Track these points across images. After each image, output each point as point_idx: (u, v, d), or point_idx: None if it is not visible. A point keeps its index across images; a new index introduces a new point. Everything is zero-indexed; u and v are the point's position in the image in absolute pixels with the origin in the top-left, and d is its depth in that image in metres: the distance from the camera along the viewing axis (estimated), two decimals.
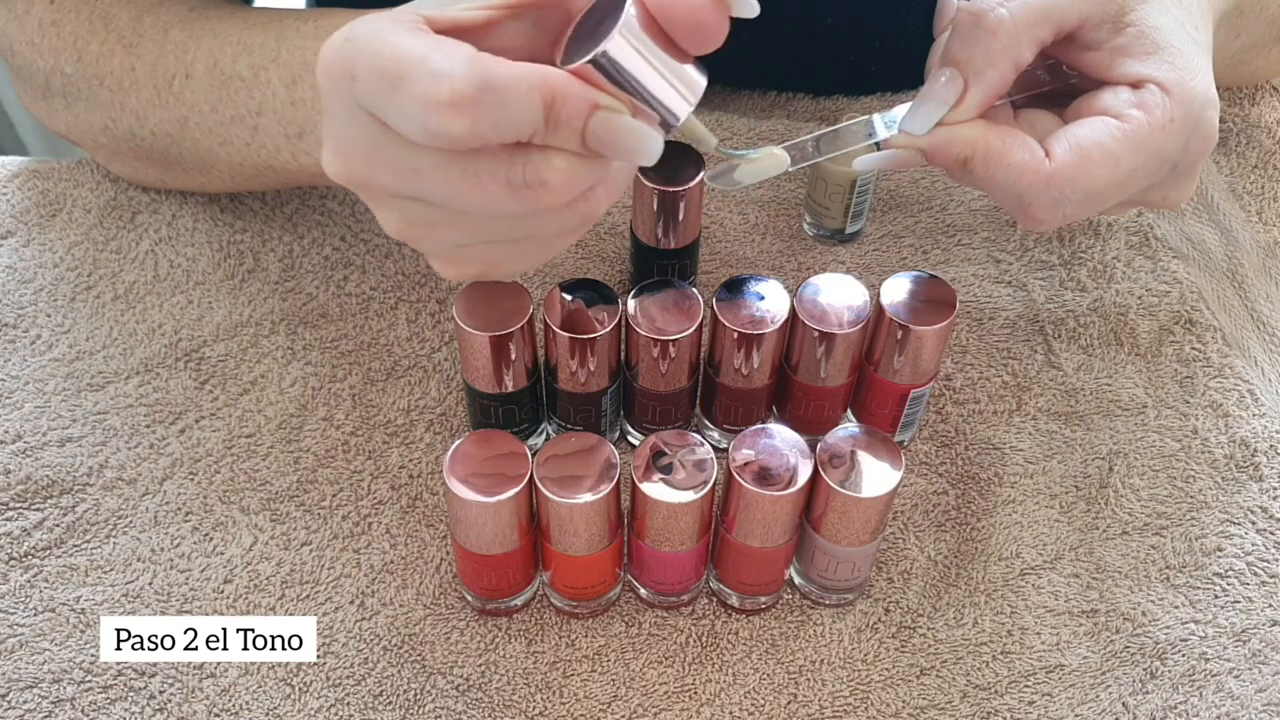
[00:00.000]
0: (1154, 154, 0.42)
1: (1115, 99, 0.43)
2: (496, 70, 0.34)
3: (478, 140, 0.34)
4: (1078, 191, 0.42)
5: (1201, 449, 0.59)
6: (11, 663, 0.51)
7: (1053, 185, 0.42)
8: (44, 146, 1.31)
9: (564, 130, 0.35)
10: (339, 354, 0.61)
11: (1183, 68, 0.43)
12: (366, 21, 0.36)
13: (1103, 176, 0.42)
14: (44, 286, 0.63)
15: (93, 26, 0.57)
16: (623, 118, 0.35)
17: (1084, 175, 0.42)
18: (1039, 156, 0.42)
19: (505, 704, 0.51)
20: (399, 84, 0.34)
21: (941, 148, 0.43)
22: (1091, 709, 0.51)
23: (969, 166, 0.43)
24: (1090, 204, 0.43)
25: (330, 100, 0.37)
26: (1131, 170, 0.42)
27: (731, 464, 0.47)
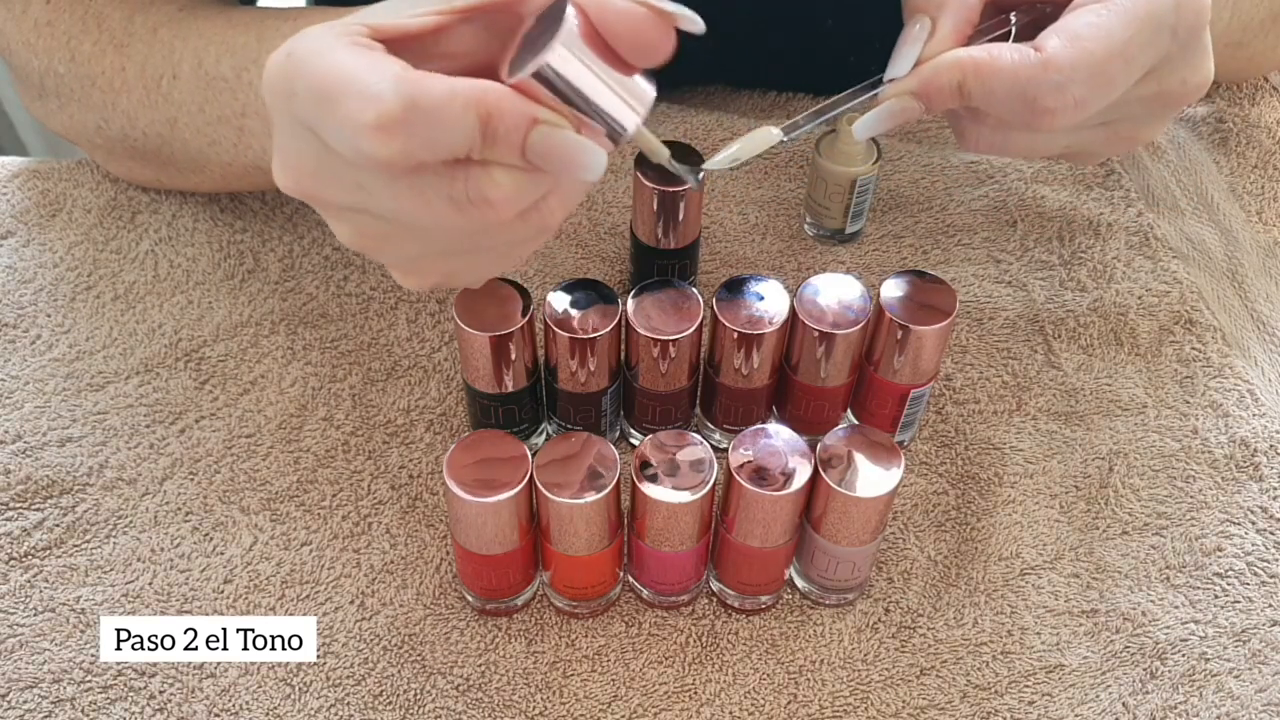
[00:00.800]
0: (1145, 18, 0.42)
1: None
2: (427, 89, 0.33)
3: (411, 160, 0.34)
4: (1079, 70, 0.41)
5: (1201, 449, 0.59)
6: (11, 663, 0.51)
7: (1050, 68, 0.41)
8: (44, 146, 1.31)
9: (502, 146, 0.34)
10: (339, 354, 0.61)
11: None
12: (311, 35, 0.36)
13: (1099, 49, 0.41)
14: (44, 286, 0.63)
15: (85, 26, 0.57)
16: (562, 132, 0.35)
17: (1080, 51, 0.41)
18: (1029, 52, 0.42)
19: (505, 704, 0.51)
20: (331, 105, 0.34)
21: (931, 80, 0.43)
22: (1091, 709, 0.51)
23: (965, 89, 0.42)
24: (1098, 83, 0.42)
25: (275, 115, 0.37)
26: (1127, 40, 0.41)
27: (731, 464, 0.47)
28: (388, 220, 0.37)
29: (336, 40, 0.35)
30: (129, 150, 0.61)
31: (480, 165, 0.35)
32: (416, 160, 0.34)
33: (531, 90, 0.34)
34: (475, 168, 0.35)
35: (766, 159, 0.69)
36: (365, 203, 0.37)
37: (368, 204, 0.37)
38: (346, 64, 0.34)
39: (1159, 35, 0.42)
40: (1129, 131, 0.47)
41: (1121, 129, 0.46)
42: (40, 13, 0.58)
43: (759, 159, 0.50)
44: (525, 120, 0.34)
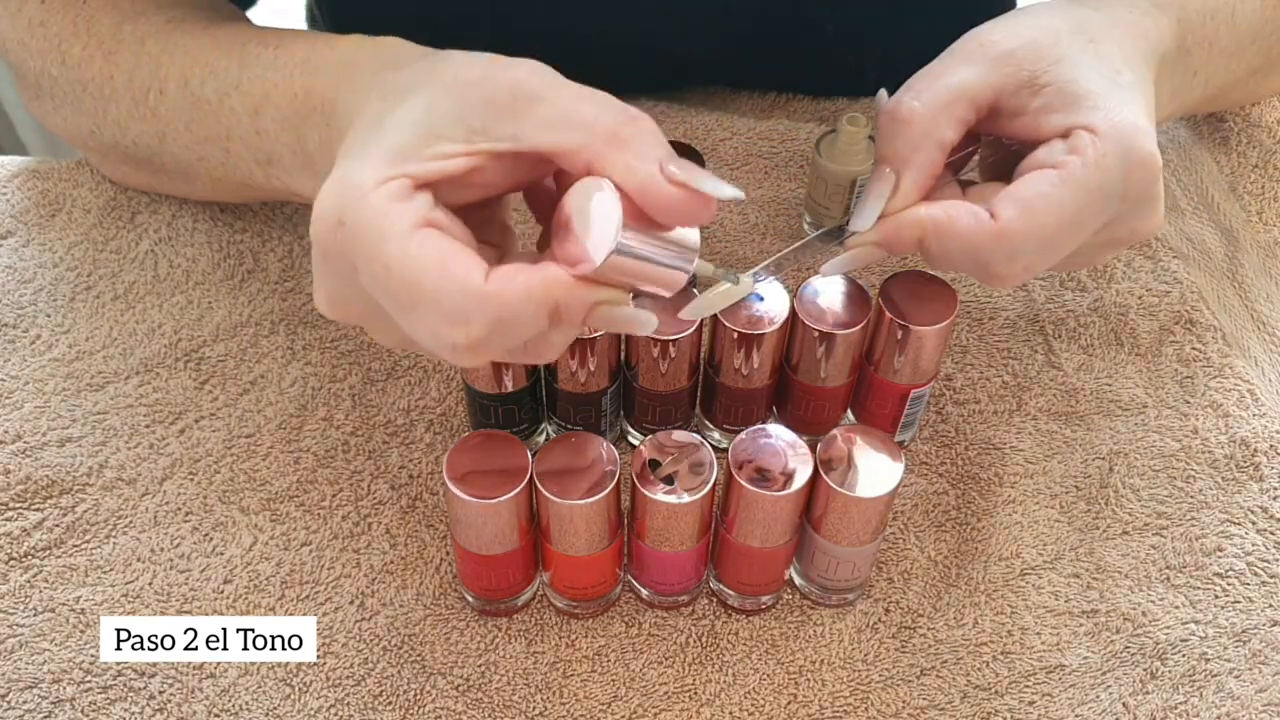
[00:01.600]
0: (1094, 190, 0.43)
1: (1049, 152, 0.45)
2: (508, 302, 0.36)
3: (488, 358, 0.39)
4: (1029, 241, 0.43)
5: (1202, 449, 0.59)
6: (11, 663, 0.51)
7: (1002, 240, 0.43)
8: (44, 146, 1.31)
9: (566, 327, 0.39)
10: (339, 354, 0.61)
11: (1105, 107, 0.44)
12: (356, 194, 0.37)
13: (1050, 222, 0.43)
14: (44, 286, 0.63)
15: (76, 30, 0.57)
16: (620, 310, 0.38)
17: (1031, 225, 0.43)
18: (985, 219, 0.44)
19: (505, 704, 0.51)
20: (412, 312, 0.37)
21: (892, 235, 0.45)
22: (1091, 709, 0.51)
23: (925, 246, 0.45)
24: (1046, 251, 0.44)
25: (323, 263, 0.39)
26: (1076, 211, 0.43)
27: (731, 464, 0.47)
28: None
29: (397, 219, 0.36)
30: (122, 156, 0.61)
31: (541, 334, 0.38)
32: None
33: (596, 276, 0.37)
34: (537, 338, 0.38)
35: (766, 158, 0.69)
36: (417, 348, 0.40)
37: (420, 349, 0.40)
38: (422, 264, 0.36)
39: (1109, 202, 0.44)
40: (1080, 262, 0.49)
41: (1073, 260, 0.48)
42: (35, 12, 0.57)
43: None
44: (588, 306, 0.38)
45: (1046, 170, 0.44)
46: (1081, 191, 0.43)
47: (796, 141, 0.70)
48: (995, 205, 0.44)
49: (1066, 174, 0.43)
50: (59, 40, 0.57)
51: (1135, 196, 0.45)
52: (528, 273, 0.37)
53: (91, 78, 0.57)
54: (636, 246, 0.37)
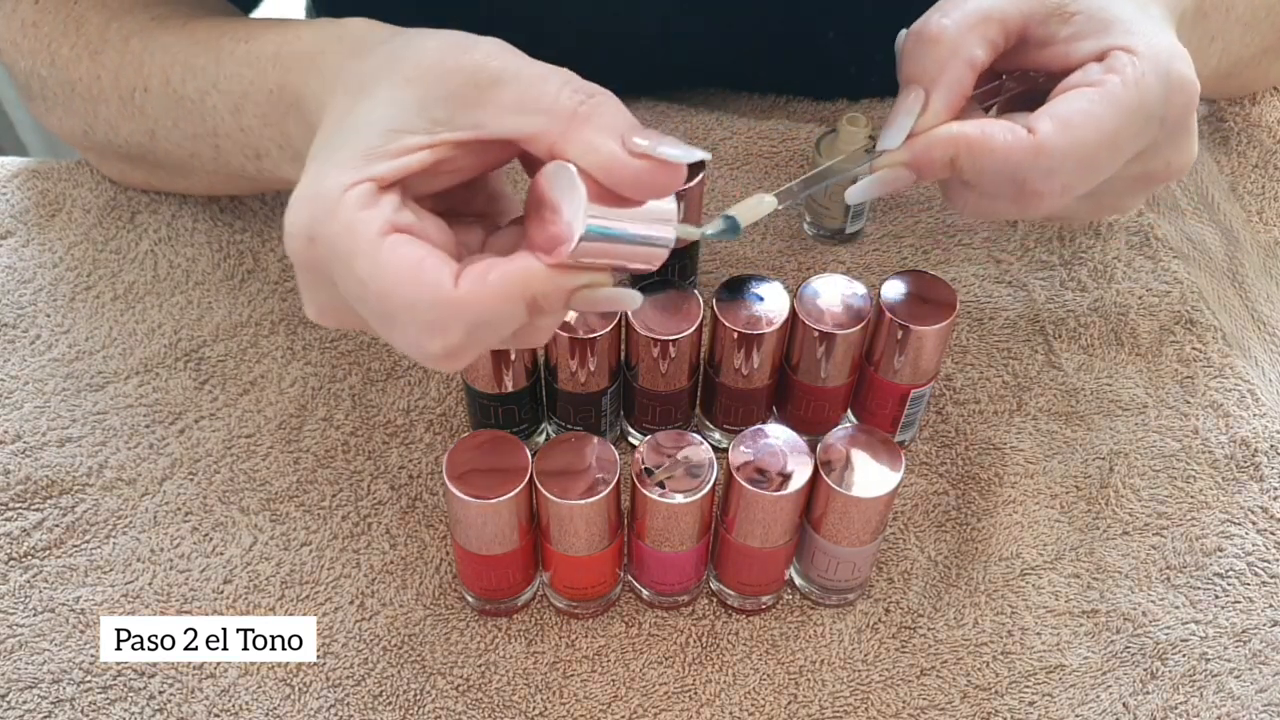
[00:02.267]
0: (1134, 109, 0.42)
1: (1085, 74, 0.44)
2: (484, 303, 0.36)
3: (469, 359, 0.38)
4: (1069, 158, 0.42)
5: (1202, 449, 0.59)
6: (11, 663, 0.51)
7: (1042, 155, 0.42)
8: (44, 146, 1.31)
9: (547, 316, 0.38)
10: (339, 354, 0.61)
11: (1140, 31, 0.43)
12: (325, 203, 0.36)
13: (1089, 138, 0.42)
14: (44, 286, 0.63)
15: (65, 30, 0.56)
16: (601, 291, 0.37)
17: (1071, 139, 0.42)
18: (1022, 134, 0.43)
19: (505, 704, 0.51)
20: (390, 323, 0.37)
21: (923, 154, 0.44)
22: (1092, 709, 0.51)
23: (957, 164, 0.44)
24: (1086, 170, 0.43)
25: (310, 283, 0.39)
26: (1116, 129, 0.42)
27: (731, 464, 0.47)
28: None
29: (363, 227, 0.36)
30: (118, 154, 0.61)
31: (526, 324, 0.38)
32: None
33: (570, 261, 0.36)
34: (523, 328, 0.38)
35: (766, 158, 0.69)
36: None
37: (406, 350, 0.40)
38: (394, 275, 0.36)
39: (1148, 124, 0.43)
40: (1110, 203, 0.48)
41: (1104, 200, 0.47)
42: (27, 12, 0.57)
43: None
44: (566, 293, 0.37)
45: (1084, 89, 0.43)
46: (1122, 109, 0.42)
47: (796, 141, 0.70)
48: (1032, 121, 0.43)
49: (1106, 91, 0.42)
50: (49, 41, 0.57)
51: (1173, 122, 0.44)
52: (500, 269, 0.36)
53: (79, 78, 0.57)
54: (609, 226, 0.36)
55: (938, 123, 0.44)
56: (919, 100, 0.44)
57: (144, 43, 0.55)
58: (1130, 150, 0.44)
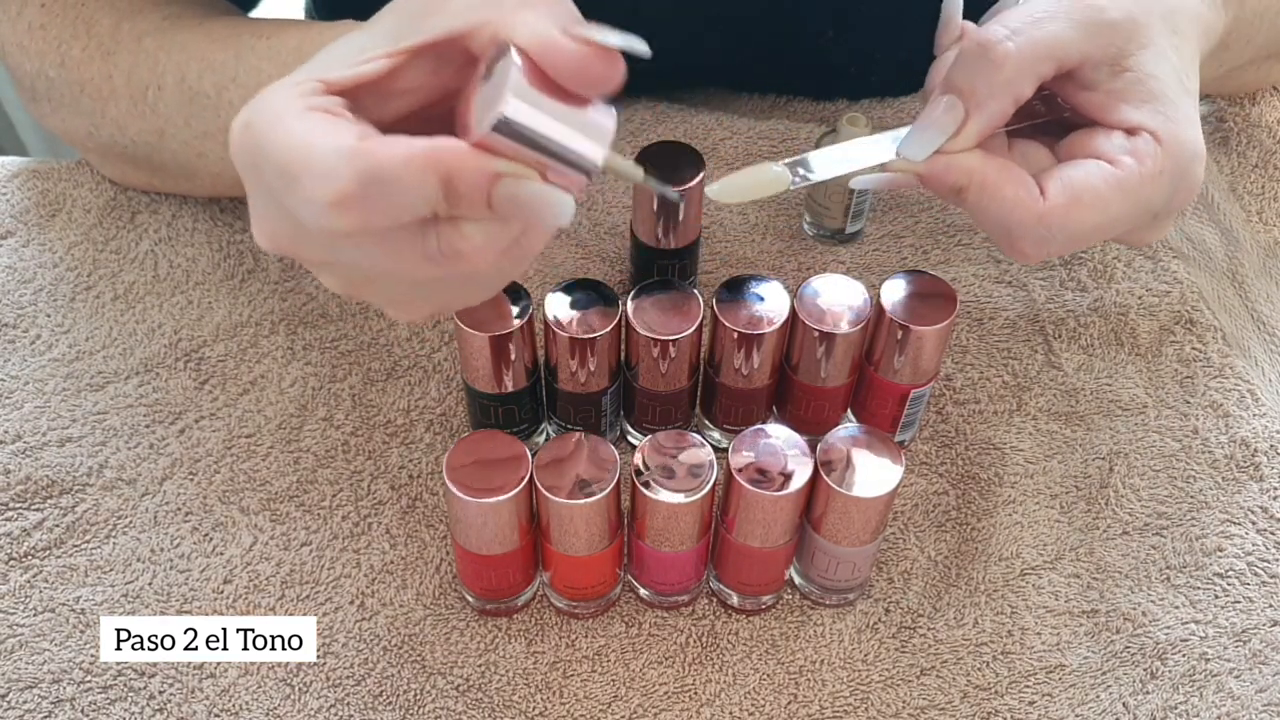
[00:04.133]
0: (1141, 202, 0.43)
1: (1109, 143, 0.44)
2: (381, 159, 0.33)
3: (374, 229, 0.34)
4: (1064, 232, 0.43)
5: (1202, 449, 0.59)
6: (11, 663, 0.51)
7: (1042, 224, 0.43)
8: (44, 146, 1.31)
9: (466, 203, 0.34)
10: (339, 354, 0.61)
11: (1176, 119, 0.44)
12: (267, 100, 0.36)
13: (1090, 220, 0.43)
14: (44, 286, 0.63)
15: (75, 31, 0.57)
16: (526, 184, 0.35)
17: (1074, 217, 0.43)
18: (1034, 194, 0.43)
19: (505, 704, 0.51)
20: (290, 182, 0.34)
21: (939, 175, 0.44)
22: (1092, 709, 0.51)
23: (964, 195, 0.44)
24: (1073, 243, 0.44)
25: (246, 183, 0.37)
26: (1117, 216, 0.43)
27: (731, 464, 0.47)
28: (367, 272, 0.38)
29: (291, 106, 0.35)
30: (121, 155, 0.61)
31: (449, 221, 0.35)
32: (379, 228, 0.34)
33: (493, 145, 0.34)
34: (444, 224, 0.35)
35: (767, 159, 0.69)
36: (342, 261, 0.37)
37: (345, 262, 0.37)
38: (301, 137, 0.34)
39: (1144, 216, 0.44)
40: (1073, 251, 0.49)
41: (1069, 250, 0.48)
42: (34, 15, 0.58)
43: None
44: (486, 177, 0.34)
45: (1103, 164, 0.43)
46: (1129, 200, 0.43)
47: (796, 141, 0.70)
48: (1045, 182, 0.43)
49: (1123, 178, 0.43)
50: (58, 43, 0.57)
51: (1165, 215, 0.45)
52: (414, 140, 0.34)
53: (90, 78, 0.57)
54: (536, 116, 0.34)
55: (965, 147, 0.44)
56: (956, 120, 0.43)
57: (158, 41, 0.55)
58: (1119, 231, 0.45)
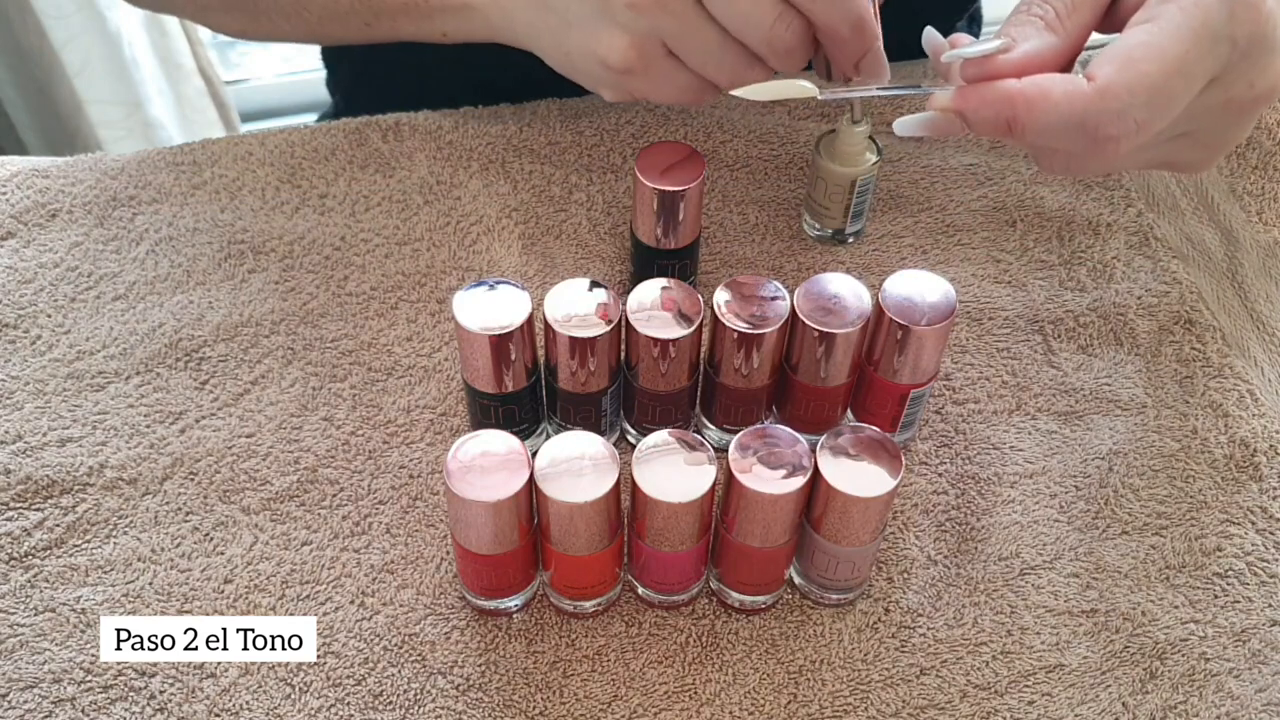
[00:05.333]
0: (1199, 30, 0.40)
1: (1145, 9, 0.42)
2: None
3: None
4: (1136, 94, 0.40)
5: (1201, 449, 0.59)
6: (11, 663, 0.51)
7: (1107, 97, 0.40)
8: (44, 146, 1.31)
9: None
10: (339, 354, 0.61)
11: None
12: None
13: (1153, 70, 0.40)
14: (44, 286, 0.63)
15: None
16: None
17: (1134, 74, 0.40)
18: (1080, 82, 0.41)
19: (505, 704, 0.51)
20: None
21: (975, 108, 0.42)
22: (1091, 709, 0.51)
23: (1015, 124, 0.41)
24: (1158, 103, 0.41)
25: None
26: (1181, 54, 0.40)
27: (731, 464, 0.47)
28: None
29: None
30: (227, 2, 0.62)
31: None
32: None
33: None
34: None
35: (767, 160, 0.69)
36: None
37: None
38: None
39: (1217, 45, 0.41)
40: (1210, 139, 0.45)
41: (1202, 137, 0.45)
42: None
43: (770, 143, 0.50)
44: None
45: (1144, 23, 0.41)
46: (1183, 33, 0.40)
47: (797, 145, 0.70)
48: (1091, 68, 0.41)
49: (1166, 21, 0.40)
50: None
51: (1245, 41, 0.41)
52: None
53: None
54: None
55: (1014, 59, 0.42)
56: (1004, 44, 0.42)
57: None
58: (1202, 75, 0.41)
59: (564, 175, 0.68)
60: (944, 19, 0.76)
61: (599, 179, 0.68)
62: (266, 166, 0.68)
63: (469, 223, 0.66)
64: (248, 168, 0.68)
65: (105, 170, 0.68)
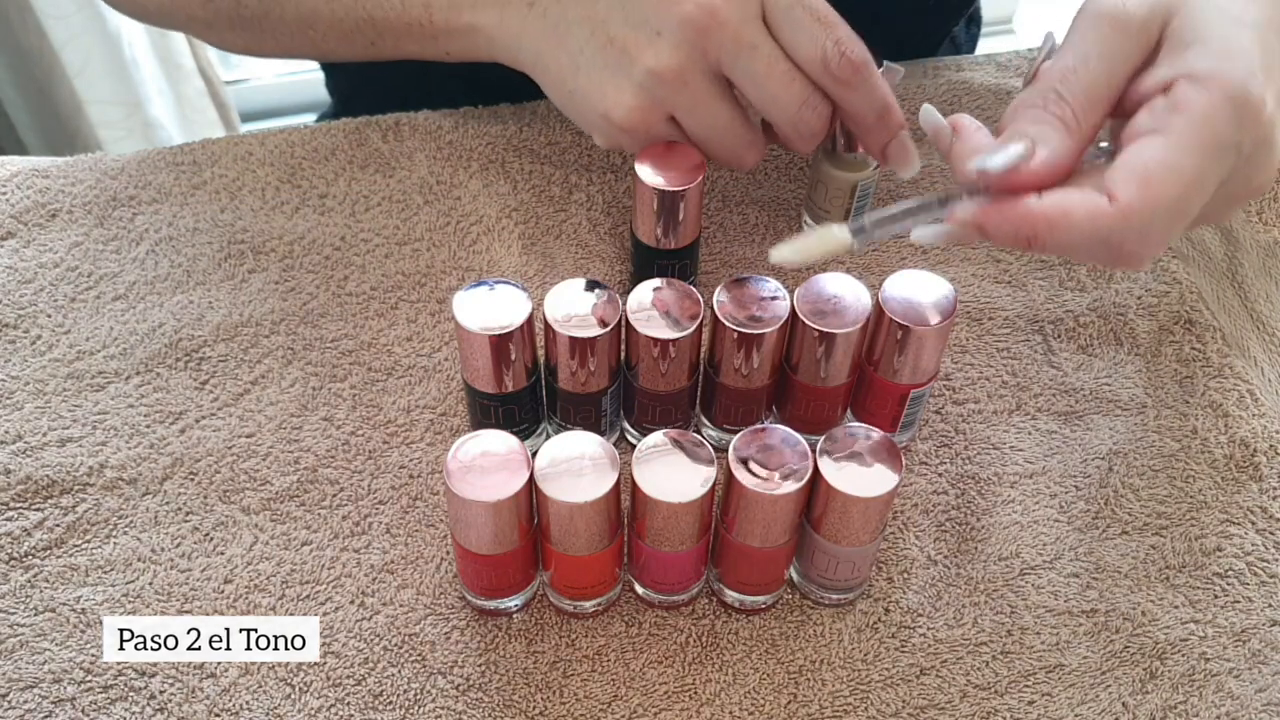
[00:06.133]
0: (1210, 146, 0.41)
1: (1152, 116, 0.42)
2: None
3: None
4: (1157, 215, 0.41)
5: (1201, 449, 0.59)
6: (11, 663, 0.51)
7: (1130, 219, 0.41)
8: (44, 146, 1.31)
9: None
10: (339, 354, 0.61)
11: (1216, 53, 0.41)
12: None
13: (1172, 190, 0.41)
14: (44, 286, 0.63)
15: None
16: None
17: (1154, 197, 0.41)
18: (1103, 204, 0.41)
19: (505, 704, 0.51)
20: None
21: (998, 227, 0.43)
22: (1091, 709, 0.51)
23: (1036, 240, 0.42)
24: (1177, 219, 0.42)
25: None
26: (1197, 171, 0.41)
27: (731, 464, 0.47)
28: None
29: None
30: (232, 20, 0.62)
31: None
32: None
33: None
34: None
35: (767, 160, 0.69)
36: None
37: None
38: None
39: (1225, 155, 0.42)
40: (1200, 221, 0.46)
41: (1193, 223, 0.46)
42: None
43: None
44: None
45: (1154, 137, 0.41)
46: (1197, 152, 0.41)
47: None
48: (1110, 185, 0.41)
49: (1178, 135, 0.41)
50: None
51: (1250, 145, 0.42)
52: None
53: None
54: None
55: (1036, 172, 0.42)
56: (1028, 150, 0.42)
57: None
58: (1214, 184, 0.42)
59: (564, 175, 0.68)
60: (943, 20, 0.76)
61: (599, 179, 0.68)
62: (266, 166, 0.68)
63: (469, 223, 0.66)
64: (248, 168, 0.68)
65: (105, 170, 0.68)
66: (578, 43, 0.55)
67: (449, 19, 0.59)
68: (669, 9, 0.51)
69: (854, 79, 0.51)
